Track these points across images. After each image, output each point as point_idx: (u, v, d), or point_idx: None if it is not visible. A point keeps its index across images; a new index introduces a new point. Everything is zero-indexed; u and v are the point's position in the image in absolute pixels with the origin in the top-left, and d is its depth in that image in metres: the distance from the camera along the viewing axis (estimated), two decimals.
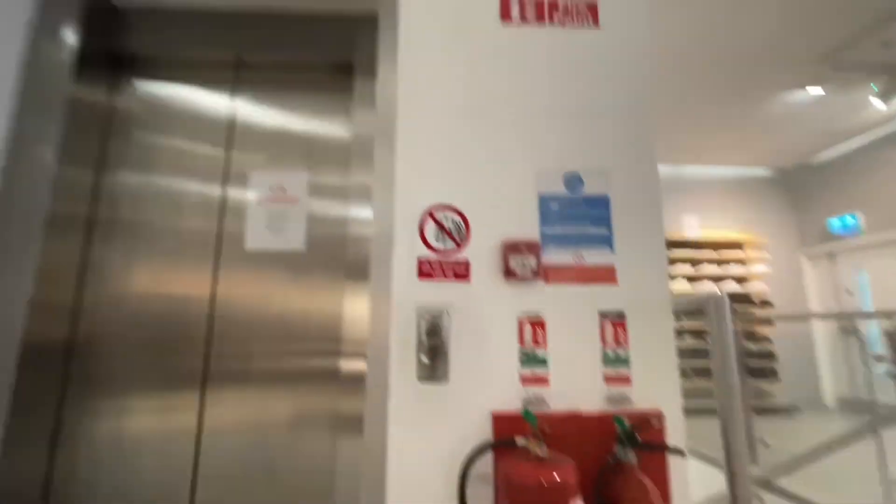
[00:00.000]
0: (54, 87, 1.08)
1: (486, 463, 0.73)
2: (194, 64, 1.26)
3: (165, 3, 1.22)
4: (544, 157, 0.84)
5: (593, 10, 0.91)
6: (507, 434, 0.73)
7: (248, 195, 1.20)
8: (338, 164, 1.21)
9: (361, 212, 1.10)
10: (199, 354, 1.10)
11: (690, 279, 5.44)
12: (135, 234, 1.17)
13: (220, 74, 1.26)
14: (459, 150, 0.85)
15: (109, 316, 1.11)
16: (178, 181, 1.21)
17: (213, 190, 1.20)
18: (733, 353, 0.78)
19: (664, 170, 5.50)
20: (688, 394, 0.86)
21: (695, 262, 5.50)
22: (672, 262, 5.41)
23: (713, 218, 5.81)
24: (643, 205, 0.86)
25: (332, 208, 1.19)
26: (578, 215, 0.83)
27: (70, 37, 1.11)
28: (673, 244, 5.46)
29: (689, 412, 0.82)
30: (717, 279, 5.48)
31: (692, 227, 5.73)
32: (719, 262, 5.54)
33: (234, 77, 1.26)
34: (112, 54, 1.21)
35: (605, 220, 0.84)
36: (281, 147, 1.24)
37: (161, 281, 1.14)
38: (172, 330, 1.11)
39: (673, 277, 5.39)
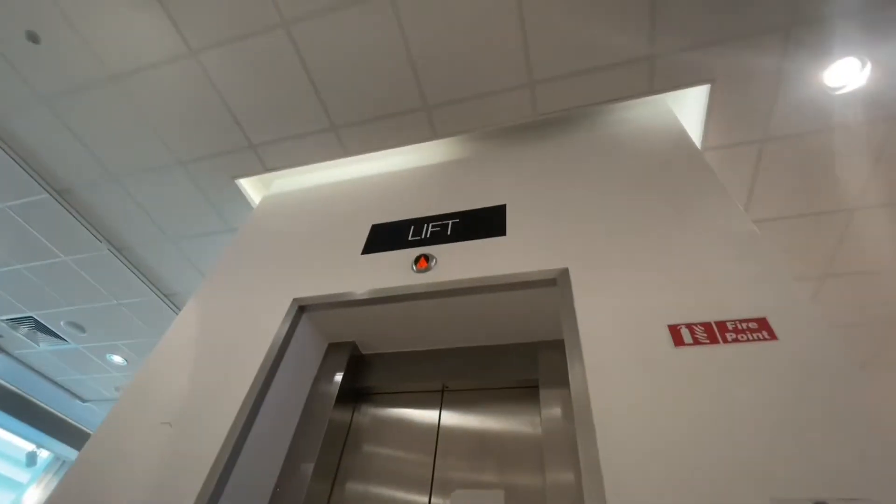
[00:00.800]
0: (322, 412, 1.46)
1: None
2: (411, 392, 1.60)
3: (391, 349, 1.67)
4: (776, 479, 0.78)
5: (763, 324, 1.00)
6: None
7: None
8: (532, 464, 1.26)
9: None
10: None
11: None
12: None
13: (429, 398, 1.56)
14: (671, 471, 0.85)
15: None
16: (391, 490, 1.36)
17: (421, 499, 1.30)
18: None
19: None
20: None
21: None
22: None
23: None
24: None
25: None
26: None
27: (337, 377, 1.55)
28: None
29: None
30: None
31: None
32: None
33: (440, 399, 1.55)
34: (356, 387, 1.62)
35: None
36: (479, 451, 1.36)
37: None
38: None
39: None
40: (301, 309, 1.54)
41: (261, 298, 1.62)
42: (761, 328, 0.98)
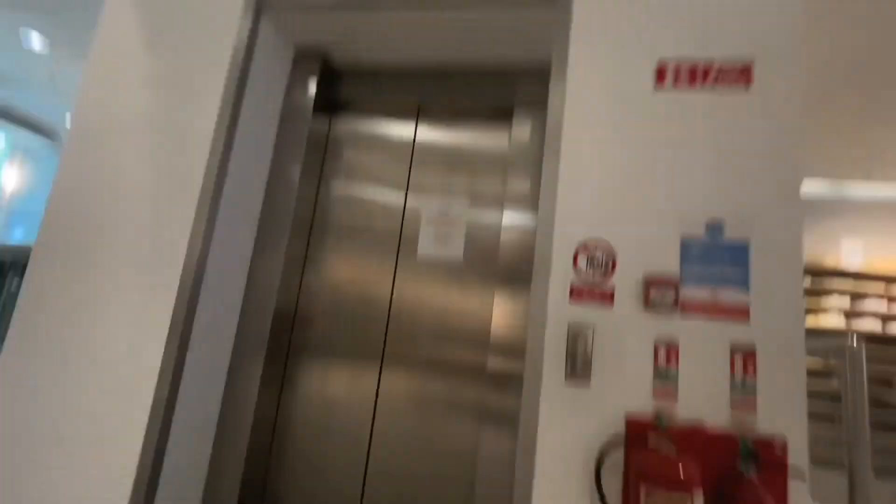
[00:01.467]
0: (301, 121, 1.49)
1: (619, 458, 0.90)
2: (386, 105, 1.60)
3: (366, 61, 1.57)
4: (689, 204, 0.97)
5: (746, 72, 1.01)
6: (638, 434, 0.89)
7: (422, 207, 1.49)
8: (495, 177, 1.45)
9: (514, 218, 1.33)
10: (380, 333, 1.43)
11: (849, 315, 4.71)
12: (339, 235, 1.53)
13: (405, 113, 1.58)
14: (612, 192, 1.02)
15: (319, 298, 1.49)
16: (372, 191, 1.55)
17: (398, 200, 1.52)
18: (866, 404, 0.81)
19: (823, 186, 4.82)
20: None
21: (856, 296, 4.74)
22: (825, 293, 4.75)
23: (883, 245, 4.93)
24: (784, 249, 0.94)
25: (488, 217, 1.44)
26: (717, 258, 0.95)
27: (311, 88, 1.51)
28: (826, 273, 4.78)
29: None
30: (884, 318, 4.66)
31: (854, 254, 4.94)
32: (890, 299, 4.70)
33: (415, 114, 1.58)
34: (332, 99, 1.60)
35: (744, 264, 0.94)
36: (450, 163, 1.52)
37: (356, 273, 1.49)
38: (363, 312, 1.46)
39: (823, 311, 4.74)
40: (259, 8, 1.34)
41: None
42: (742, 75, 0.99)
